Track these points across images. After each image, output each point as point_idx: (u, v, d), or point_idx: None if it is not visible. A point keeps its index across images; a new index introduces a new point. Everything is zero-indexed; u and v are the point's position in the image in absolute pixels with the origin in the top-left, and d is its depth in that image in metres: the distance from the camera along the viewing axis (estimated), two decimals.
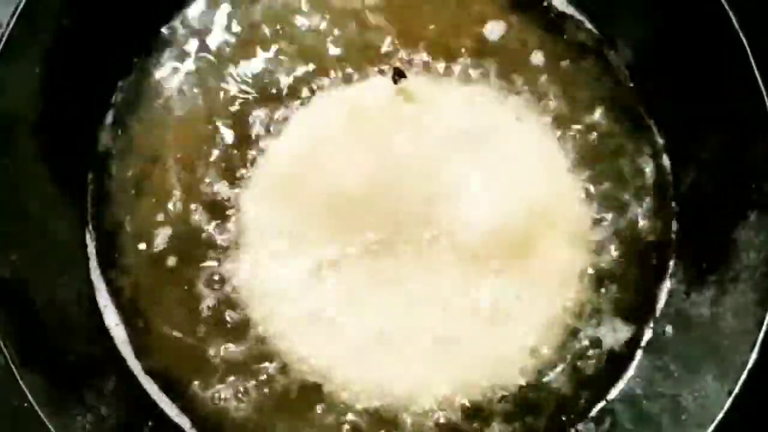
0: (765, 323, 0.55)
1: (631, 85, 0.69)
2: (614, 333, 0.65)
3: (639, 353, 0.65)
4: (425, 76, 0.67)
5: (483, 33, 0.68)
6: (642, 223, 0.67)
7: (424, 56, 0.67)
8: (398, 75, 0.66)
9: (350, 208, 0.64)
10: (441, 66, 0.67)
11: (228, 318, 0.64)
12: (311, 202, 0.64)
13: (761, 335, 0.55)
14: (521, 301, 0.63)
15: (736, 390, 0.55)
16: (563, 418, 0.64)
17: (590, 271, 0.65)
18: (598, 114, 0.68)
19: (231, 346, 0.64)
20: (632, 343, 0.65)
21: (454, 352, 0.63)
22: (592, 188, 0.67)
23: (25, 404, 0.65)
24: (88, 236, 0.66)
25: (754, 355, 0.55)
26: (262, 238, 0.65)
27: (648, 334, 0.65)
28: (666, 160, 0.68)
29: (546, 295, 0.64)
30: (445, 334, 0.63)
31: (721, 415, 0.55)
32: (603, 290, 0.65)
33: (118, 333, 0.65)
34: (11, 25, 0.58)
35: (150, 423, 0.62)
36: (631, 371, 0.64)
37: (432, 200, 0.64)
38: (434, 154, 0.65)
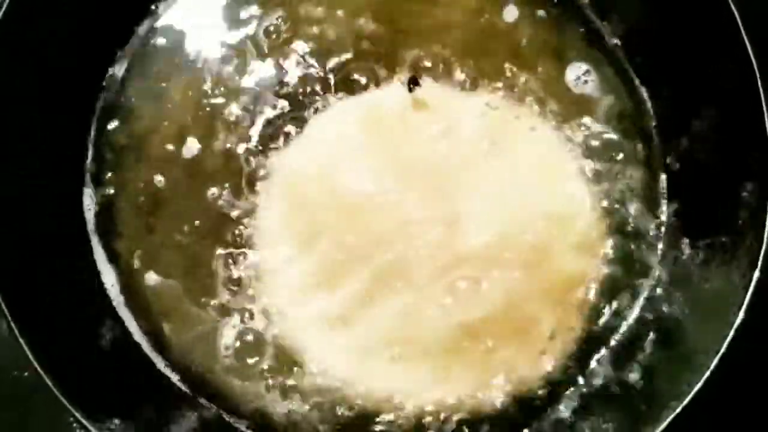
0: (752, 285, 0.57)
1: (624, 57, 0.70)
2: (611, 306, 0.66)
3: (631, 317, 0.66)
4: (440, 84, 0.68)
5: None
6: (633, 192, 0.68)
7: (440, 65, 0.68)
8: (413, 83, 0.67)
9: (362, 213, 0.64)
10: (455, 74, 0.68)
11: (228, 298, 0.65)
12: (323, 207, 0.65)
13: (748, 297, 0.57)
14: (531, 307, 0.64)
15: (723, 349, 0.56)
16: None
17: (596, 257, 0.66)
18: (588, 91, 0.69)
19: (230, 323, 0.64)
20: (624, 310, 0.66)
21: (463, 357, 0.63)
22: (593, 166, 0.67)
23: (25, 374, 0.66)
24: (86, 200, 0.67)
25: (741, 316, 0.56)
26: (273, 236, 0.65)
27: (641, 299, 0.66)
28: (657, 129, 0.69)
29: (556, 299, 0.65)
30: (454, 339, 0.63)
31: (707, 374, 0.56)
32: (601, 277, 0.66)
33: (115, 293, 0.65)
34: None
35: (148, 384, 0.63)
36: (620, 334, 0.65)
37: (444, 207, 0.64)
38: (447, 161, 0.65)
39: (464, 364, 0.63)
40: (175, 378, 0.64)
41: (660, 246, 0.67)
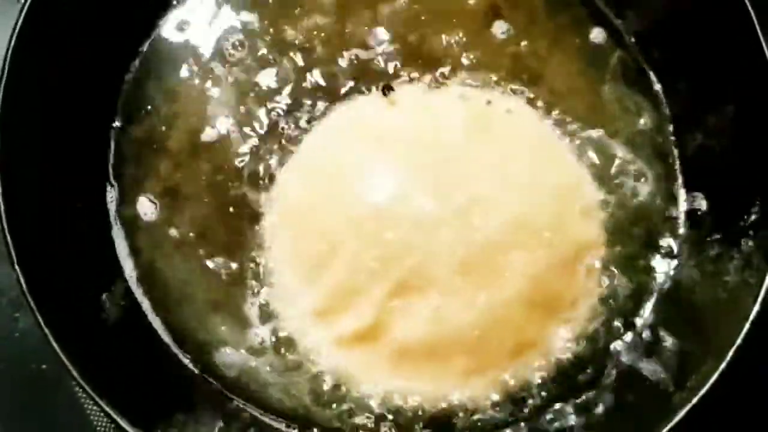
0: (767, 280, 0.57)
1: (639, 52, 0.71)
2: (624, 289, 0.67)
3: (647, 306, 0.66)
4: (411, 84, 0.70)
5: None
6: (647, 187, 0.68)
7: (413, 68, 0.70)
8: (387, 89, 0.69)
9: (371, 223, 0.64)
10: (423, 72, 0.70)
11: (248, 306, 0.65)
12: (331, 225, 0.65)
13: (763, 290, 0.57)
14: (552, 280, 0.64)
15: (738, 341, 0.56)
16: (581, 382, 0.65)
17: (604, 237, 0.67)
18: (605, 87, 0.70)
19: (252, 331, 0.64)
20: (639, 299, 0.66)
21: (496, 343, 0.63)
22: (595, 158, 0.68)
23: (43, 366, 0.67)
24: (108, 193, 0.68)
25: (756, 308, 0.56)
26: (286, 261, 0.66)
27: (655, 290, 0.67)
28: (671, 126, 0.70)
29: (573, 268, 0.65)
30: (484, 329, 0.63)
31: (723, 365, 0.56)
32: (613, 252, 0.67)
33: (135, 285, 0.66)
34: None
35: (168, 375, 0.64)
36: (637, 326, 0.66)
37: (451, 201, 0.64)
38: (440, 156, 0.66)
39: (497, 350, 0.63)
40: (195, 370, 0.64)
41: (673, 240, 0.68)
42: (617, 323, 0.66)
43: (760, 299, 0.57)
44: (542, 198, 0.65)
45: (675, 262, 0.67)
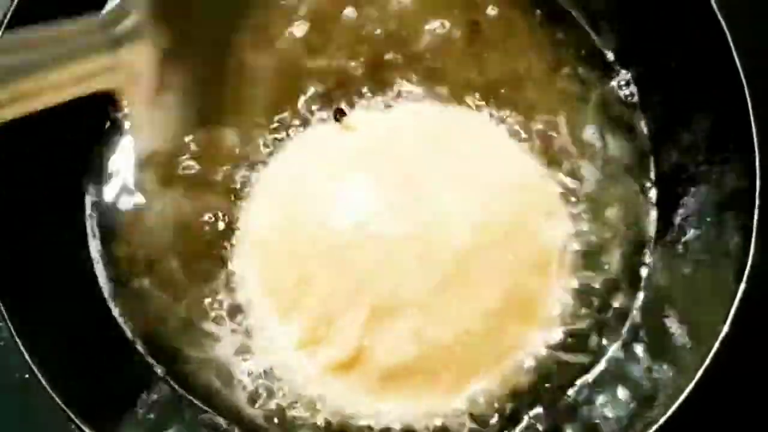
0: (738, 297, 0.57)
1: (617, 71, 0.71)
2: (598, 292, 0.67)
3: (623, 310, 0.67)
4: (361, 107, 0.70)
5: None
6: (622, 202, 0.69)
7: (365, 91, 0.70)
8: (339, 114, 0.69)
9: (340, 252, 0.64)
10: (380, 94, 0.70)
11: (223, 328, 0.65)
12: (298, 257, 0.65)
13: (734, 307, 0.57)
14: (526, 281, 0.65)
15: (708, 361, 0.56)
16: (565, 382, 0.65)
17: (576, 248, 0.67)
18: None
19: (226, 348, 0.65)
20: (615, 302, 0.67)
21: (480, 353, 0.63)
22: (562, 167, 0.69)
23: (26, 376, 0.68)
24: (86, 207, 0.68)
25: (726, 328, 0.57)
26: (257, 298, 0.66)
27: (631, 295, 0.67)
28: (648, 143, 0.70)
29: (544, 268, 0.66)
30: (468, 341, 0.63)
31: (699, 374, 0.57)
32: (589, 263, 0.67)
33: (111, 298, 0.66)
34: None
35: (143, 387, 0.64)
36: (623, 332, 0.66)
37: (417, 218, 0.64)
38: (399, 173, 0.66)
39: (480, 362, 0.63)
40: (172, 383, 0.64)
41: (647, 250, 0.68)
42: (592, 326, 0.66)
43: (731, 316, 0.57)
44: (506, 204, 0.66)
45: (648, 271, 0.67)
